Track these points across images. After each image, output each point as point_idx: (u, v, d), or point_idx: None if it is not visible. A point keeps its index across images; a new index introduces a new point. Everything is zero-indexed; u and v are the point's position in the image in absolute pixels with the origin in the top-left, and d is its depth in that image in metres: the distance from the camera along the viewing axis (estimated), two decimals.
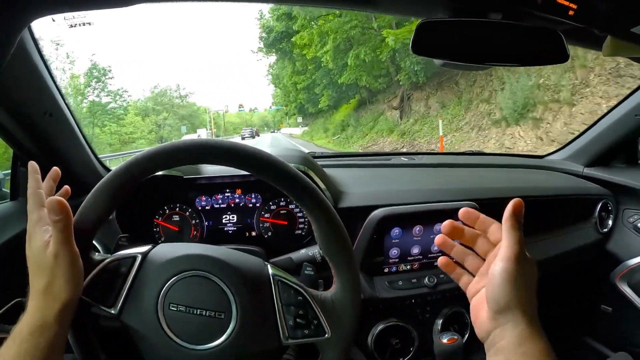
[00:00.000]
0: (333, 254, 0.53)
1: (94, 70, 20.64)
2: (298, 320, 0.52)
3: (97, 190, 0.50)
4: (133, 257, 0.52)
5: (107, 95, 21.05)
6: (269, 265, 0.55)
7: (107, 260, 0.52)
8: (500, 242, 0.45)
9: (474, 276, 0.49)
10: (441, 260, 0.50)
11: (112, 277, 0.51)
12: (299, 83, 21.42)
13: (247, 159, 0.50)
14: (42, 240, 0.46)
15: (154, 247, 0.54)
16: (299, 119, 29.30)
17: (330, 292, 0.55)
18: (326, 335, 0.53)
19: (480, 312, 0.45)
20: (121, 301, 0.50)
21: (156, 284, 0.51)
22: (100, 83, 20.72)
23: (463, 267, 0.51)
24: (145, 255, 0.53)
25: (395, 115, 13.56)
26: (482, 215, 0.49)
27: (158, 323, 0.50)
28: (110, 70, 21.30)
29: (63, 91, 0.82)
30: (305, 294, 0.53)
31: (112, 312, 0.50)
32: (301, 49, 17.05)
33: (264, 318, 0.52)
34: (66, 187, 0.57)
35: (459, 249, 0.50)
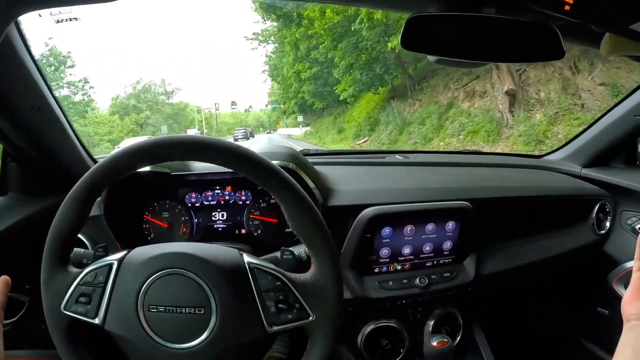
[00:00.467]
0: (306, 234, 0.52)
1: (51, 57, 16.50)
2: (280, 305, 0.52)
3: (67, 202, 0.50)
4: (109, 265, 0.52)
5: (66, 87, 17.18)
6: (244, 254, 0.55)
7: (85, 272, 0.52)
8: None
9: None
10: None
11: (91, 288, 0.52)
12: (303, 72, 17.65)
13: (206, 149, 0.50)
14: None
15: (129, 252, 0.54)
16: (300, 118, 26.85)
17: (309, 274, 0.54)
18: (310, 318, 0.52)
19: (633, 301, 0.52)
20: (103, 310, 0.51)
21: (134, 287, 0.50)
22: (57, 72, 16.74)
23: None
24: (120, 261, 0.53)
25: (486, 107, 7.64)
26: None
27: (140, 327, 0.50)
28: (69, 57, 17.10)
29: (51, 85, 0.81)
30: (283, 278, 0.53)
31: (96, 322, 0.51)
32: (310, 20, 12.94)
33: (245, 307, 0.52)
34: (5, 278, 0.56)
35: None
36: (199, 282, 0.50)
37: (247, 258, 0.54)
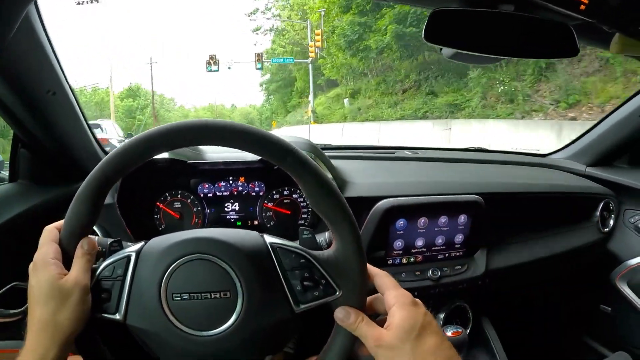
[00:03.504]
0: (326, 209, 0.51)
1: None
2: (305, 283, 0.51)
3: (77, 199, 0.49)
4: (127, 257, 0.51)
5: None
6: (265, 235, 0.54)
7: (102, 266, 0.51)
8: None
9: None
10: None
11: (110, 282, 0.50)
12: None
13: (218, 131, 0.49)
14: (55, 271, 0.47)
15: (146, 242, 0.53)
16: (346, 102, 17.65)
17: (332, 249, 0.53)
18: (337, 294, 0.51)
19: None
20: (124, 305, 0.49)
21: (155, 277, 0.49)
22: None
23: None
24: (139, 252, 0.51)
25: None
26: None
27: (165, 317, 0.48)
28: None
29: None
30: (307, 255, 0.52)
31: (117, 317, 0.49)
32: None
33: (271, 288, 0.51)
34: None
35: None
36: (223, 265, 0.50)
37: (268, 239, 0.54)
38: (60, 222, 0.51)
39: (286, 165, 0.50)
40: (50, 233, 0.50)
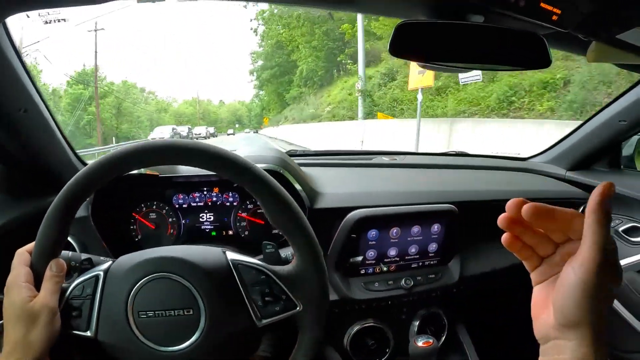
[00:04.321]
0: (284, 226, 0.53)
1: None
2: (266, 298, 0.53)
3: (46, 221, 0.51)
4: (95, 277, 0.53)
5: None
6: (227, 252, 0.55)
7: (73, 285, 0.53)
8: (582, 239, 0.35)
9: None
10: (505, 238, 0.39)
11: (80, 301, 0.52)
12: None
13: (177, 152, 0.51)
14: (25, 294, 0.49)
15: (114, 261, 0.55)
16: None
17: (292, 265, 0.55)
18: (298, 308, 0.53)
19: (542, 312, 0.38)
20: (94, 322, 0.51)
21: (122, 296, 0.51)
22: None
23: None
24: (106, 271, 0.53)
25: None
26: (559, 210, 0.36)
27: (132, 334, 0.50)
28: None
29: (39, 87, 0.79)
30: (267, 271, 0.54)
31: (89, 334, 0.51)
32: None
33: (233, 304, 0.52)
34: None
35: (529, 234, 0.39)
36: (185, 283, 0.51)
37: (230, 256, 0.55)
38: (32, 245, 0.53)
39: (244, 182, 0.52)
40: (21, 256, 0.52)
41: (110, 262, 0.55)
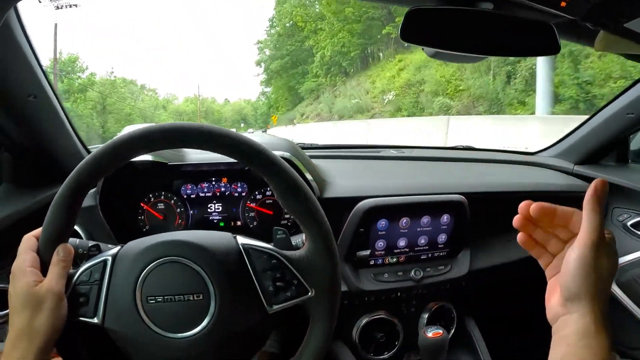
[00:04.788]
0: (296, 210, 0.52)
1: None
2: (277, 284, 0.52)
3: (53, 207, 0.49)
4: (103, 261, 0.51)
5: None
6: (237, 237, 0.54)
7: (80, 270, 0.51)
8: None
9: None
10: (520, 237, 0.47)
11: (87, 286, 0.51)
12: None
13: (188, 134, 0.50)
14: (31, 278, 0.48)
15: (122, 246, 0.54)
16: None
17: (303, 250, 0.54)
18: (309, 294, 0.52)
19: (552, 296, 0.44)
20: (102, 308, 0.50)
21: (130, 281, 0.50)
22: None
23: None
24: (114, 256, 0.52)
25: None
26: (560, 208, 0.45)
27: (140, 320, 0.49)
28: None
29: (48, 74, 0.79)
30: (278, 256, 0.53)
31: (95, 321, 0.50)
32: None
33: (243, 289, 0.51)
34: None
35: (540, 232, 0.47)
36: (195, 268, 0.50)
37: (241, 240, 0.54)
38: (39, 230, 0.52)
39: (256, 165, 0.51)
40: (28, 241, 0.51)
41: (119, 247, 0.54)
